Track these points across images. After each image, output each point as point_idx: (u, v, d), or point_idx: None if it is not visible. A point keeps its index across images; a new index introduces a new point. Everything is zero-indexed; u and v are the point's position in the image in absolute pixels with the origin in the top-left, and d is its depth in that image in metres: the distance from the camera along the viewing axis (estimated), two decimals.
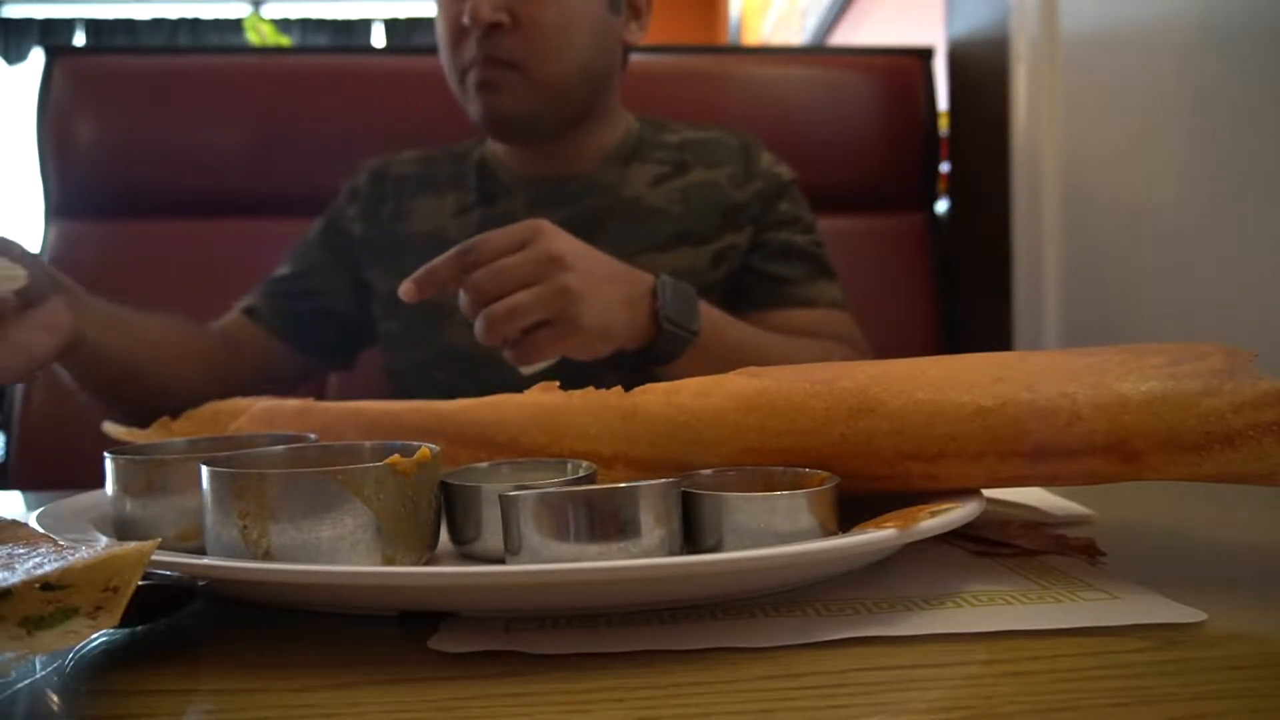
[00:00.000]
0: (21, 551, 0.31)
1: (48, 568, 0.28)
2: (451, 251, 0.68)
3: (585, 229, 0.91)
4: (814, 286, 0.95)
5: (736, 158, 1.00)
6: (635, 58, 1.03)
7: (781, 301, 0.94)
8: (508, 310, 0.67)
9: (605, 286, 0.71)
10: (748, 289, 0.95)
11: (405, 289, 0.67)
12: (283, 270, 1.02)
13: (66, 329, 0.69)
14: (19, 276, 0.63)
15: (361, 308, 1.00)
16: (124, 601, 0.28)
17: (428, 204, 0.98)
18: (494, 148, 1.01)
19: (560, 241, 0.70)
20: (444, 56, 0.92)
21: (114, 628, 0.28)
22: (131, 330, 0.82)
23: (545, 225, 0.70)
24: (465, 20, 0.86)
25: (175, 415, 0.60)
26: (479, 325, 0.68)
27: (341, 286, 1.00)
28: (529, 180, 0.97)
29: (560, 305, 0.68)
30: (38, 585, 0.27)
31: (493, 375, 0.73)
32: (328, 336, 1.00)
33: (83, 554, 0.29)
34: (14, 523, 0.36)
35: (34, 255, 0.67)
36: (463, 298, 0.69)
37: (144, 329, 0.84)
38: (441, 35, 0.91)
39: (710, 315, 0.79)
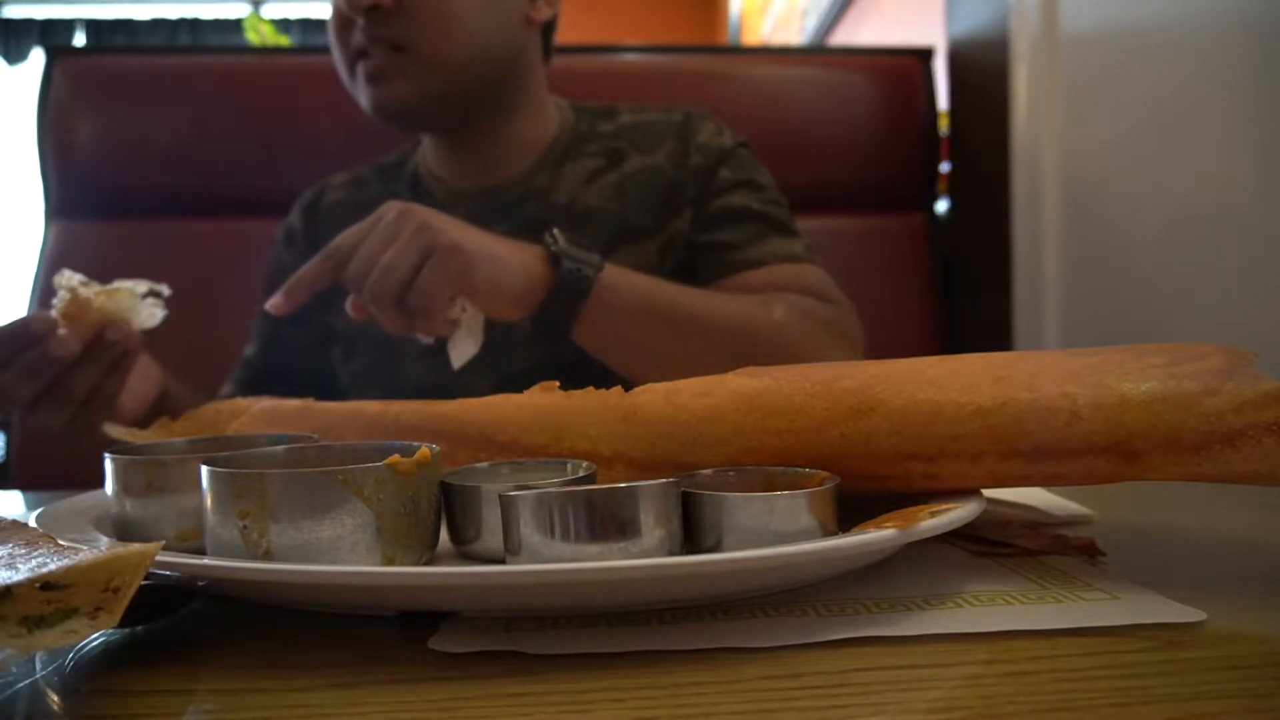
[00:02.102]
0: (22, 552, 0.31)
1: (49, 567, 0.28)
2: (316, 256, 0.68)
3: (525, 239, 0.89)
4: (761, 245, 0.87)
5: (676, 134, 0.93)
6: (635, 58, 1.03)
7: (727, 268, 0.87)
8: (380, 273, 0.65)
9: (476, 232, 0.70)
10: (693, 266, 0.89)
11: (274, 303, 0.67)
12: (247, 352, 0.99)
13: (160, 379, 0.72)
14: (158, 314, 0.67)
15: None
16: (124, 602, 0.28)
17: None
18: (424, 158, 0.97)
19: (420, 209, 0.68)
20: (333, 50, 0.88)
21: (114, 628, 0.28)
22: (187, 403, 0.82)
23: (400, 204, 0.69)
24: (343, 7, 0.82)
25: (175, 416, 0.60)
26: (372, 309, 0.67)
27: (306, 348, 0.96)
28: (461, 194, 0.93)
29: (426, 240, 0.66)
30: (38, 585, 0.27)
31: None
32: (321, 394, 0.98)
33: (84, 554, 0.29)
34: (15, 523, 0.36)
35: None
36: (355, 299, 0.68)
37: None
38: (329, 28, 0.87)
39: (613, 267, 0.74)
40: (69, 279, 0.66)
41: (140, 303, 0.67)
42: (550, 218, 0.89)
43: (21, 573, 0.27)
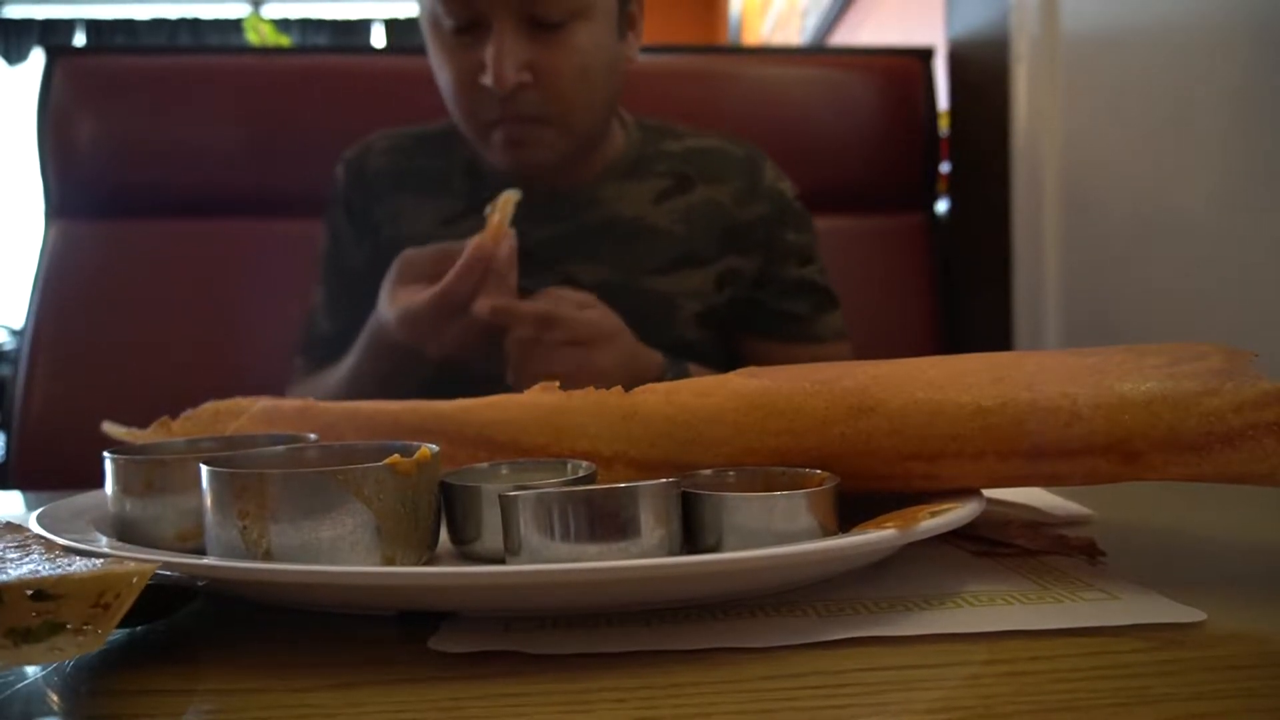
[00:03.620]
0: (14, 555, 0.31)
1: (41, 574, 0.27)
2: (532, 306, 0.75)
3: (583, 246, 0.91)
4: (820, 321, 0.97)
5: (741, 172, 0.97)
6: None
7: (789, 336, 0.96)
8: (551, 313, 0.74)
9: (628, 357, 0.78)
10: (755, 319, 0.96)
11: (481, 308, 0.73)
12: (323, 328, 0.97)
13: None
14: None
15: None
16: (114, 621, 0.27)
17: (411, 206, 0.95)
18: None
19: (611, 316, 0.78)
20: (455, 107, 0.88)
21: (114, 628, 0.28)
22: None
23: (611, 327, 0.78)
24: (487, 82, 0.82)
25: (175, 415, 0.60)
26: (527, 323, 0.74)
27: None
28: (526, 191, 0.93)
29: (593, 336, 0.75)
30: (29, 592, 0.26)
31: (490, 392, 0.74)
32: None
33: (79, 565, 0.28)
34: (8, 524, 0.36)
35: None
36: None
37: None
38: (450, 85, 0.87)
39: None
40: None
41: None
42: (614, 228, 0.94)
43: (12, 578, 0.27)
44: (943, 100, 1.37)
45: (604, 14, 0.86)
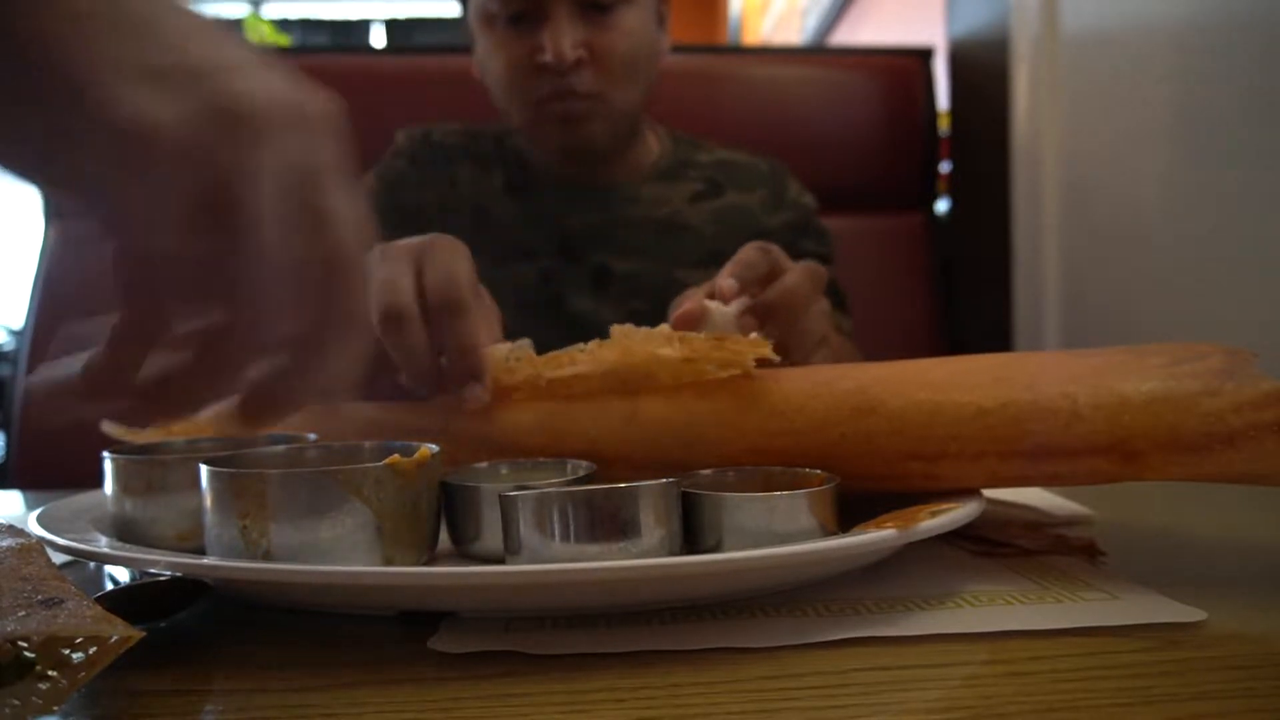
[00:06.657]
0: (11, 563, 0.30)
1: (26, 619, 0.26)
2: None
3: (621, 238, 0.97)
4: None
5: (767, 183, 1.02)
6: None
7: None
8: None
9: None
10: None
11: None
12: None
13: None
14: None
15: None
16: (77, 684, 0.25)
17: (472, 175, 0.99)
18: (527, 144, 1.01)
19: None
20: (506, 91, 0.92)
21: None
22: None
23: None
24: (546, 58, 0.86)
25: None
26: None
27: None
28: (574, 186, 0.99)
29: None
30: (9, 642, 0.25)
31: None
32: None
33: (69, 608, 0.27)
34: (11, 526, 0.36)
35: None
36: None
37: None
38: (504, 71, 0.91)
39: None
40: None
41: None
42: (651, 223, 0.98)
43: (4, 610, 0.26)
44: (943, 100, 1.37)
45: (647, 2, 0.92)
